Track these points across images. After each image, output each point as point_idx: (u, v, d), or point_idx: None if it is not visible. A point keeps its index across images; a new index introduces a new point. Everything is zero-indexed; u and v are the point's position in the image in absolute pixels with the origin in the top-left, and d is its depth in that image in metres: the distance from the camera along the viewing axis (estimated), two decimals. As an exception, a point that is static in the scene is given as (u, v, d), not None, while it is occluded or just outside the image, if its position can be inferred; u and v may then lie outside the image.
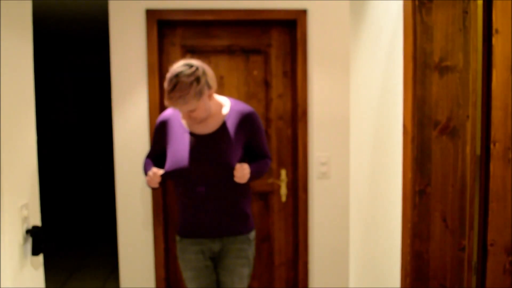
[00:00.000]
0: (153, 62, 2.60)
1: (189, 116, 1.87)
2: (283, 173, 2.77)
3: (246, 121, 1.96)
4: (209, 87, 1.84)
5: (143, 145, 2.63)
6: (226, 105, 1.98)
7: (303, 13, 2.65)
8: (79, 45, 5.00)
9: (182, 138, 1.92)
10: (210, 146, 1.90)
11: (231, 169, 1.86)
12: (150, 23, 2.58)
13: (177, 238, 2.03)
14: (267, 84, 2.75)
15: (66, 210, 5.29)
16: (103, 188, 5.07)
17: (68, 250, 4.61)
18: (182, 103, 1.77)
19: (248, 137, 1.97)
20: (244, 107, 2.00)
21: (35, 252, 1.34)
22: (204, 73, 1.82)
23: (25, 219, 1.31)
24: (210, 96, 1.88)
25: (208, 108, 1.88)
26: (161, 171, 1.89)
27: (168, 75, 1.80)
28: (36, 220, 1.40)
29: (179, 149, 1.89)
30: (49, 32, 4.43)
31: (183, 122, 1.96)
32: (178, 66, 1.81)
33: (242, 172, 1.86)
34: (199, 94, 1.79)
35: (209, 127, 1.93)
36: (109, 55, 2.60)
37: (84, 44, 4.96)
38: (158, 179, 1.88)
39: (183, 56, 2.54)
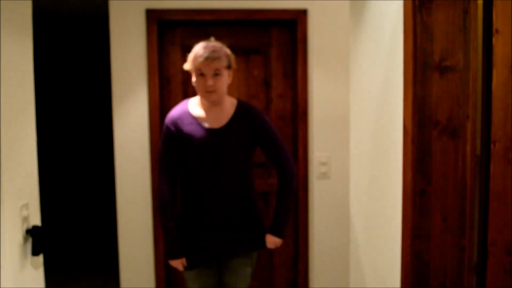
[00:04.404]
0: (153, 62, 2.60)
1: (209, 88, 1.88)
2: (283, 173, 2.77)
3: (252, 118, 1.99)
4: (233, 65, 1.96)
5: (143, 145, 2.63)
6: (234, 103, 2.03)
7: (303, 13, 2.65)
8: (79, 45, 5.00)
9: (198, 132, 1.93)
10: (223, 139, 1.93)
11: (243, 157, 1.95)
12: (150, 23, 2.58)
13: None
14: (267, 84, 2.75)
15: (66, 210, 5.28)
16: (103, 188, 5.07)
17: (68, 250, 4.61)
18: (214, 57, 1.86)
19: (256, 134, 1.98)
20: (251, 106, 2.06)
21: (35, 252, 1.34)
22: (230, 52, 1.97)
23: (25, 219, 1.31)
24: (229, 77, 1.96)
25: (225, 88, 1.94)
26: (182, 265, 1.97)
27: (199, 44, 1.92)
28: (36, 220, 1.40)
29: (198, 142, 1.91)
30: (49, 32, 4.43)
31: (196, 117, 1.96)
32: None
33: (274, 243, 2.02)
34: (229, 58, 1.93)
35: (220, 120, 1.95)
36: (109, 55, 2.60)
37: (84, 44, 4.96)
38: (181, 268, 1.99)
39: (183, 56, 2.53)
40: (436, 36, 1.60)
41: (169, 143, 1.96)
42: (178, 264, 1.96)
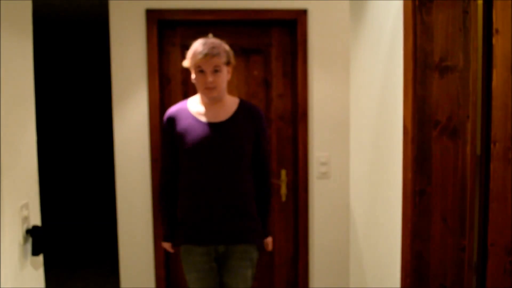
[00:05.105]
0: (153, 62, 2.60)
1: (209, 84, 1.88)
2: (283, 173, 2.77)
3: (254, 115, 2.00)
4: (232, 61, 1.96)
5: (143, 145, 2.63)
6: (236, 101, 2.03)
7: (303, 13, 2.65)
8: (79, 45, 5.00)
9: (195, 126, 1.93)
10: (225, 133, 1.93)
11: (244, 154, 1.95)
12: (150, 23, 2.58)
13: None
14: (267, 84, 2.75)
15: (66, 210, 5.29)
16: (103, 188, 5.07)
17: (68, 250, 4.62)
18: (214, 54, 1.86)
19: (255, 131, 2.00)
20: (253, 104, 2.08)
21: (35, 252, 1.34)
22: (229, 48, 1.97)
23: (25, 219, 1.31)
24: (229, 73, 1.97)
25: (225, 85, 1.94)
26: (170, 250, 2.11)
27: (198, 41, 1.93)
28: (36, 220, 1.40)
29: (194, 137, 1.92)
30: (49, 31, 4.43)
31: (194, 113, 1.97)
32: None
33: (270, 243, 2.14)
34: (228, 54, 1.93)
35: (221, 116, 1.96)
36: (109, 55, 2.60)
37: (84, 44, 4.96)
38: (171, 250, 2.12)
39: (183, 56, 2.53)
40: (436, 36, 1.60)
41: (166, 138, 2.03)
42: (166, 247, 2.11)
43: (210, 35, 1.97)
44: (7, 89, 1.23)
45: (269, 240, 2.12)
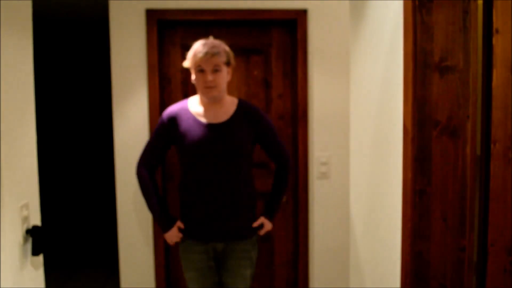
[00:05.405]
0: (153, 62, 2.60)
1: (209, 83, 1.90)
2: (283, 173, 2.77)
3: (253, 116, 2.02)
4: (232, 62, 1.98)
5: (143, 145, 2.62)
6: (235, 101, 2.06)
7: (303, 13, 2.65)
8: (79, 45, 5.00)
9: (196, 127, 1.94)
10: (224, 134, 1.95)
11: (244, 154, 1.97)
12: (150, 23, 2.58)
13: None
14: (267, 84, 2.75)
15: (66, 210, 5.28)
16: (103, 188, 5.07)
17: (68, 250, 4.61)
18: (214, 53, 1.88)
19: (257, 131, 2.02)
20: (251, 105, 2.10)
21: (35, 252, 1.34)
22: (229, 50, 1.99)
23: (25, 219, 1.31)
24: (229, 74, 1.98)
25: (225, 85, 1.96)
26: (178, 235, 2.02)
27: (198, 42, 1.95)
28: (36, 220, 1.40)
29: (194, 138, 1.93)
30: (49, 31, 4.43)
31: (194, 113, 1.98)
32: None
33: (266, 227, 2.08)
34: (228, 55, 1.95)
35: (220, 117, 1.97)
36: (109, 55, 2.60)
37: (84, 44, 4.96)
38: (179, 238, 2.03)
39: (183, 56, 2.53)
40: (436, 36, 1.60)
41: (159, 134, 2.04)
42: (173, 235, 2.02)
43: (211, 37, 1.99)
44: (7, 89, 1.23)
45: (270, 225, 2.09)
